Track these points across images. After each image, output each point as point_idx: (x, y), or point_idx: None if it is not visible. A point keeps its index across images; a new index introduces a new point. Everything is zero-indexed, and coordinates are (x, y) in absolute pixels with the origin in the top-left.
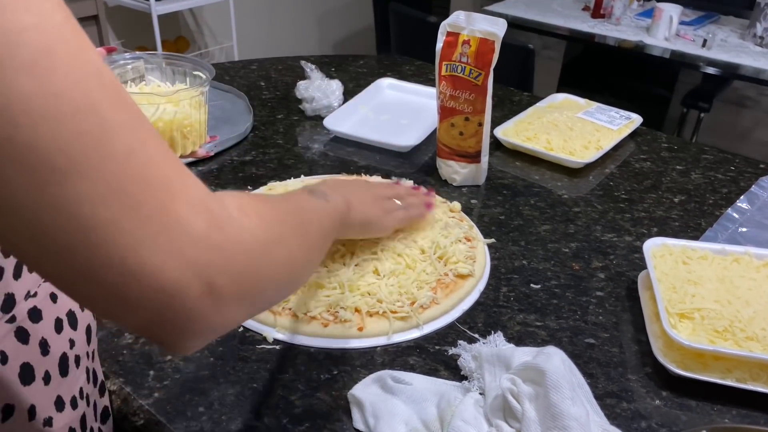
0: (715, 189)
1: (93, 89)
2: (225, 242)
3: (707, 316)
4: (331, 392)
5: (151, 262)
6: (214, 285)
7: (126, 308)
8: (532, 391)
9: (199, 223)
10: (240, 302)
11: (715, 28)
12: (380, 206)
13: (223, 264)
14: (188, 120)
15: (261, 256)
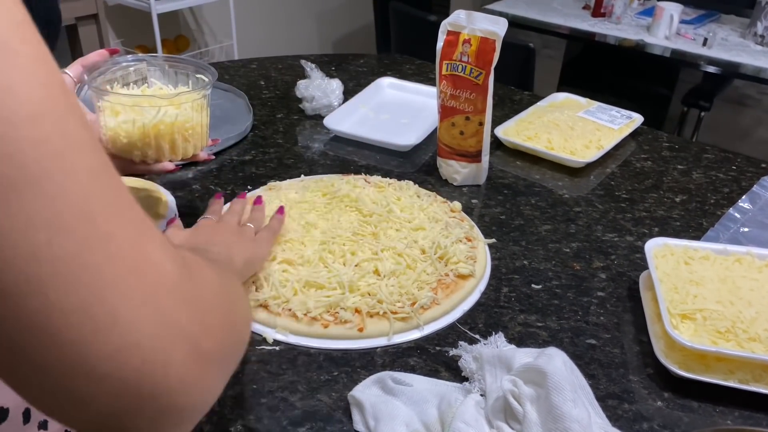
0: (717, 188)
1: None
2: (199, 294)
3: (709, 316)
4: (331, 393)
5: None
6: (200, 346)
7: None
8: (534, 392)
9: (171, 268)
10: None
11: (715, 26)
12: (245, 239)
13: (204, 320)
14: (190, 123)
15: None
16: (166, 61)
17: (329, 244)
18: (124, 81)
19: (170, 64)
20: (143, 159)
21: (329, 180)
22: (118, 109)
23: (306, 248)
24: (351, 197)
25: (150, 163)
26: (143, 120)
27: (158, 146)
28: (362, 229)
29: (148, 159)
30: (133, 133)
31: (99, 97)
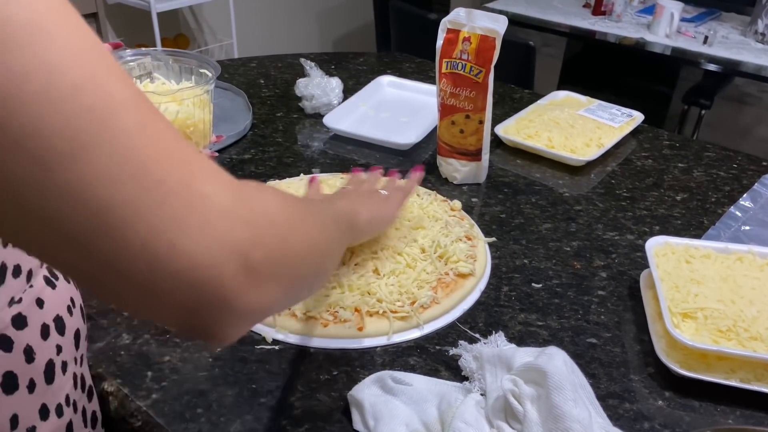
0: (718, 187)
1: (92, 63)
2: (253, 215)
3: (710, 315)
4: (331, 393)
5: (179, 242)
6: (250, 260)
7: (157, 299)
8: (534, 392)
9: (225, 196)
10: (276, 279)
11: (716, 24)
12: (375, 199)
13: (255, 237)
14: (191, 120)
15: (289, 230)
16: (170, 56)
17: None
18: None
19: (174, 58)
20: None
21: (330, 180)
22: None
23: None
24: None
25: None
26: None
27: None
28: None
29: None
30: None
31: None
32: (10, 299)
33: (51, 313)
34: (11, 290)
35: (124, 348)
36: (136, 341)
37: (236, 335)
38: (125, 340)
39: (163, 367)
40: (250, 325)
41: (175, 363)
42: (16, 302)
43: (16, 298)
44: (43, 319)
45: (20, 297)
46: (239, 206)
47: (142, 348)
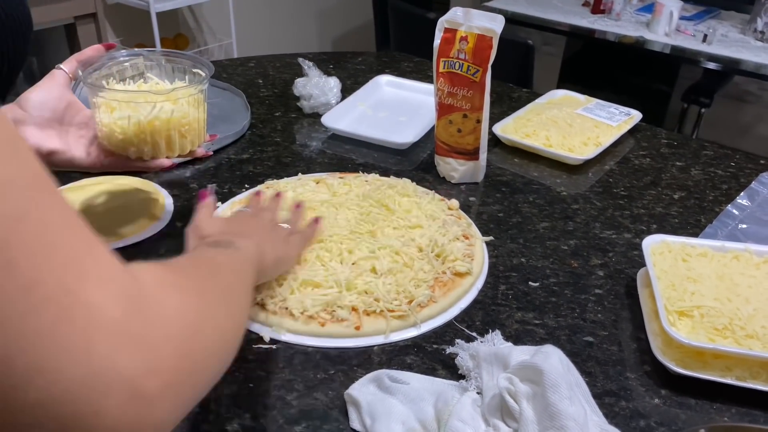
0: (715, 185)
1: None
2: (146, 329)
3: (707, 313)
4: (328, 392)
5: (47, 361)
6: (141, 388)
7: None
8: (530, 390)
9: (114, 307)
10: (175, 402)
11: (715, 23)
12: (278, 237)
13: (150, 358)
14: (186, 119)
15: (191, 339)
16: (163, 56)
17: (326, 242)
18: (120, 76)
19: (167, 58)
20: (139, 156)
21: (328, 180)
22: (114, 105)
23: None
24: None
25: (146, 159)
26: (138, 116)
27: (154, 143)
28: (359, 227)
29: (144, 156)
30: (128, 130)
31: (94, 93)
32: None
33: None
34: None
35: None
36: None
37: None
38: None
39: None
40: None
41: None
42: None
43: None
44: None
45: None
46: (131, 320)
47: None
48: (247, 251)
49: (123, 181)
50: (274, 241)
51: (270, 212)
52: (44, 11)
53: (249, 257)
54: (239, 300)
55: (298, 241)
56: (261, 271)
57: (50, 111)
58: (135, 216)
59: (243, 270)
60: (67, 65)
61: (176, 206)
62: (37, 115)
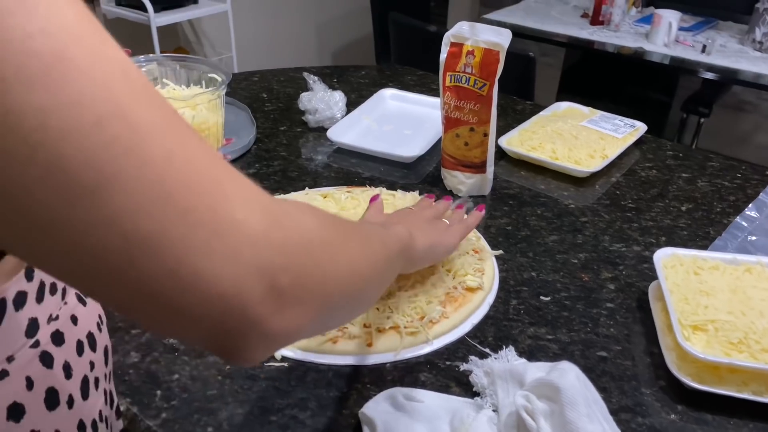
0: (722, 197)
1: (117, 91)
2: (285, 239)
3: (721, 327)
4: (342, 411)
5: (205, 270)
6: (277, 285)
7: (185, 322)
8: (548, 408)
9: (256, 221)
10: (305, 304)
11: (714, 33)
12: (437, 229)
13: (285, 262)
14: (206, 124)
15: (323, 253)
16: (177, 62)
17: None
18: None
19: (182, 64)
20: None
21: (335, 194)
22: None
23: None
24: (358, 214)
25: None
26: None
27: None
28: None
29: None
30: None
31: None
32: (48, 316)
33: (84, 330)
34: (49, 308)
35: (133, 366)
36: (144, 359)
37: (262, 357)
38: (134, 359)
39: (172, 385)
40: (277, 348)
41: (185, 381)
42: (53, 319)
43: (54, 315)
44: (77, 335)
45: (57, 314)
46: (272, 231)
47: (151, 366)
48: (397, 232)
49: None
50: (429, 231)
51: (434, 210)
52: None
53: (397, 235)
54: (377, 255)
55: (457, 230)
56: (410, 254)
57: None
58: None
59: (387, 239)
60: None
61: None
62: None
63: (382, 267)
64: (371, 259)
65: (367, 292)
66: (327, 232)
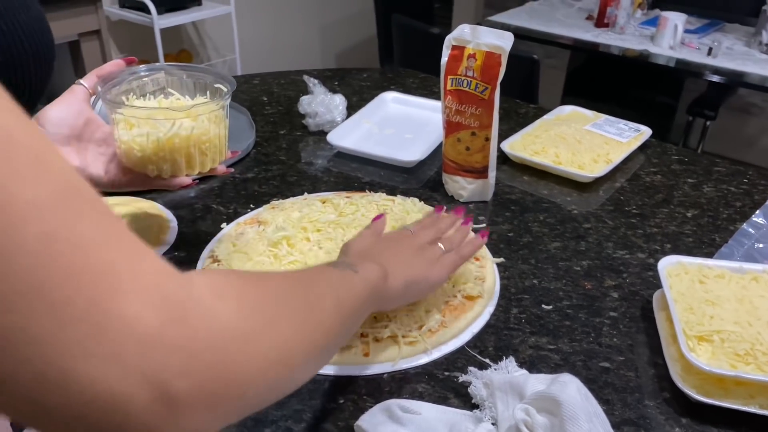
0: (729, 203)
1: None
2: (186, 337)
3: (727, 338)
4: (337, 422)
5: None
6: (170, 392)
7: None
8: (548, 422)
9: (150, 316)
10: (210, 409)
11: (720, 35)
12: (423, 259)
13: (183, 365)
14: (207, 136)
15: (237, 350)
16: (183, 71)
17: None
18: (140, 91)
19: (188, 73)
20: (158, 174)
21: (334, 200)
22: (132, 122)
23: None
24: (357, 219)
25: (165, 177)
26: (157, 133)
27: (173, 160)
28: None
29: (164, 174)
30: (147, 147)
31: (112, 110)
32: None
33: None
34: None
35: None
36: None
37: None
38: None
39: None
40: None
41: None
42: None
43: None
44: None
45: None
46: (169, 327)
47: None
48: (366, 276)
49: (133, 204)
50: (414, 265)
51: (432, 232)
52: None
53: (366, 281)
54: (325, 319)
55: (449, 261)
56: (381, 296)
57: (69, 127)
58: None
59: (348, 290)
60: (87, 80)
61: (180, 228)
62: (56, 132)
63: (333, 332)
64: (315, 332)
65: (305, 367)
66: (247, 322)
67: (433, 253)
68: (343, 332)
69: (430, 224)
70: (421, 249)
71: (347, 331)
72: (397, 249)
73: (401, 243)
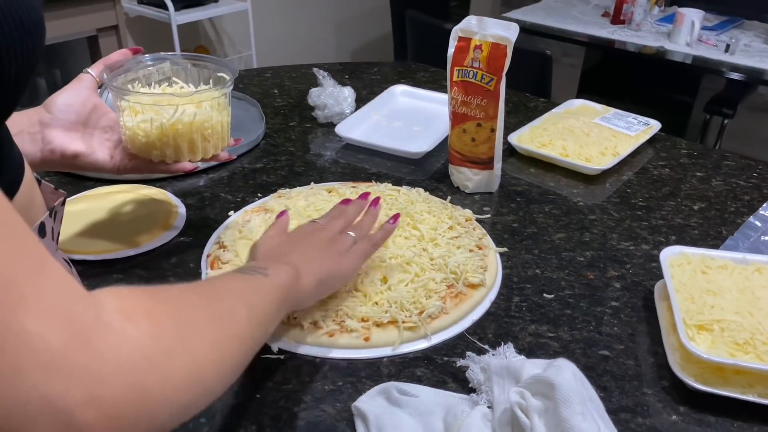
0: (737, 196)
1: None
2: (92, 361)
3: (727, 327)
4: (336, 404)
5: None
6: (75, 421)
7: None
8: (542, 405)
9: (53, 337)
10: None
11: (738, 32)
12: (334, 252)
13: (89, 391)
14: (209, 122)
15: (148, 373)
16: (188, 60)
17: None
18: (146, 80)
19: (193, 62)
20: (162, 159)
21: (340, 189)
22: (137, 108)
23: None
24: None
25: (169, 163)
26: (161, 119)
27: (176, 146)
28: None
29: (167, 159)
30: (151, 133)
31: (119, 97)
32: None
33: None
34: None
35: None
36: None
37: None
38: None
39: None
40: None
41: None
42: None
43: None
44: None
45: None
46: (75, 351)
47: None
48: (277, 278)
49: (141, 191)
50: (323, 259)
51: (339, 221)
52: (67, 24)
53: (278, 284)
54: (239, 330)
55: (360, 251)
56: (296, 296)
57: (75, 114)
58: (148, 225)
59: (261, 298)
60: (94, 69)
61: (189, 215)
62: (63, 118)
63: (247, 342)
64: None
65: (217, 383)
66: (158, 342)
67: (344, 243)
68: (258, 339)
69: (338, 214)
70: (331, 241)
71: (262, 337)
72: (306, 245)
73: (310, 238)
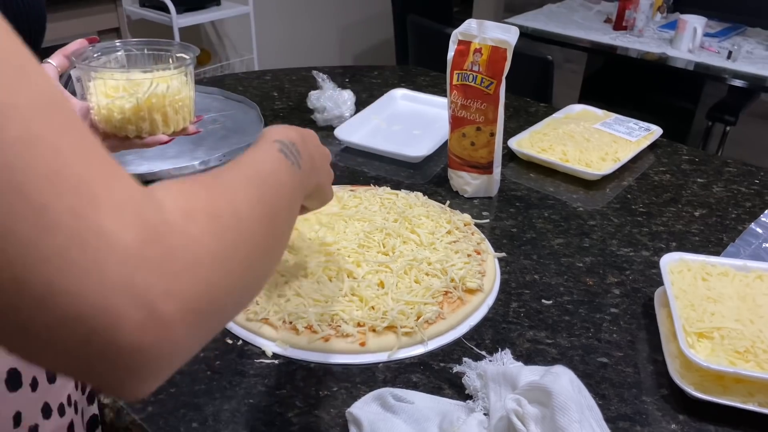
0: (738, 203)
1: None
2: (165, 257)
3: (727, 335)
4: (330, 410)
5: (60, 283)
6: (159, 312)
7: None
8: (539, 412)
9: (129, 234)
10: (195, 327)
11: (740, 39)
12: (328, 175)
13: (166, 285)
14: (179, 95)
15: (214, 269)
16: (144, 45)
17: (334, 255)
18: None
19: (149, 48)
20: (138, 134)
21: (338, 192)
22: (111, 83)
23: (309, 260)
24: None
25: (144, 137)
26: (136, 95)
27: (152, 119)
28: (368, 241)
29: (143, 133)
30: (126, 109)
31: (89, 77)
32: None
33: None
34: None
35: None
36: None
37: (147, 391)
38: None
39: None
40: (165, 377)
41: (173, 375)
42: None
43: None
44: None
45: None
46: (148, 247)
47: None
48: (305, 170)
49: None
50: (325, 175)
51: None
52: (68, 26)
53: (303, 178)
54: (282, 223)
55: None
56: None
57: None
58: None
59: (295, 190)
60: (54, 59)
61: None
62: None
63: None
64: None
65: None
66: (221, 241)
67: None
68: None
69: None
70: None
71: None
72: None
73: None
